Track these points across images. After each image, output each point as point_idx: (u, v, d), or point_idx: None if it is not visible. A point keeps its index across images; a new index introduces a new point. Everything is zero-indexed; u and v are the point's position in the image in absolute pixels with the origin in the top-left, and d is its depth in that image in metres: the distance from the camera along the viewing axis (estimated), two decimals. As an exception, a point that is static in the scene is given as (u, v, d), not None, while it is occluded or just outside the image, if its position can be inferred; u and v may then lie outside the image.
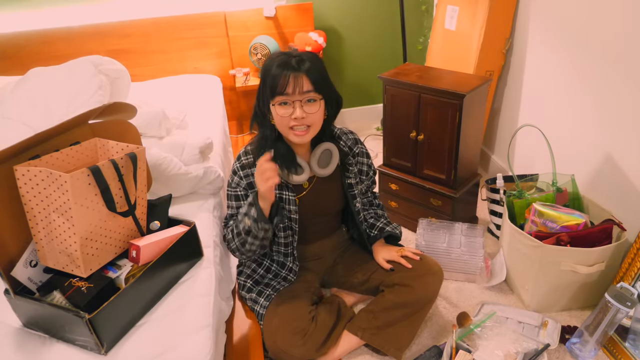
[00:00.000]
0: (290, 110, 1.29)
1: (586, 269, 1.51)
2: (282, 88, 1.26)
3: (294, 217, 1.44)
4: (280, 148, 1.38)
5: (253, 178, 1.39)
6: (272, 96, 1.29)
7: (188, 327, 1.14)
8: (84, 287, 1.09)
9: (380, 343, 1.47)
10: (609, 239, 1.55)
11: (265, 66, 1.32)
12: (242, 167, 1.41)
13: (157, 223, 1.33)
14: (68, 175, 1.02)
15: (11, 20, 2.54)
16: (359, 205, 1.54)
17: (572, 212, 1.62)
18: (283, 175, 1.39)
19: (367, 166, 1.59)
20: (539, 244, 1.54)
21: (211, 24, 2.73)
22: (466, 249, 1.78)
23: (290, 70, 1.26)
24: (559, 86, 1.89)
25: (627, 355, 1.43)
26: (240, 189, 1.43)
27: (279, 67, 1.27)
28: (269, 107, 1.32)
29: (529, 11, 2.04)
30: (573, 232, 1.55)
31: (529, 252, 1.59)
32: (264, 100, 1.33)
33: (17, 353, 1.08)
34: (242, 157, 1.43)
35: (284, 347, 1.37)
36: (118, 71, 1.92)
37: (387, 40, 3.04)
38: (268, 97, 1.30)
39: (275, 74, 1.27)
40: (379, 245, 1.60)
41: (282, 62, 1.27)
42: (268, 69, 1.29)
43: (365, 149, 1.59)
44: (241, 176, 1.41)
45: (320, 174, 1.44)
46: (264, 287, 1.51)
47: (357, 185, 1.53)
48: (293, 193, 1.43)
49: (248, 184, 1.41)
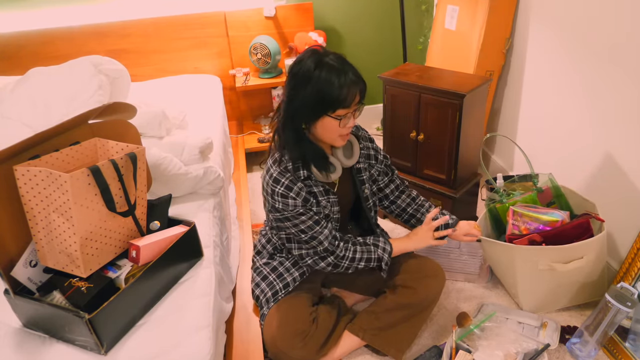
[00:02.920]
0: (345, 121, 1.29)
1: (564, 266, 1.50)
2: (349, 102, 1.25)
3: (336, 216, 1.45)
4: (311, 151, 1.35)
5: (306, 190, 1.35)
6: (334, 109, 1.25)
7: (188, 327, 1.14)
8: (83, 287, 1.09)
9: (381, 344, 1.47)
10: (589, 233, 1.51)
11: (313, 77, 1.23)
12: (288, 188, 1.34)
13: (157, 223, 1.33)
14: (68, 175, 1.02)
15: (11, 20, 2.54)
16: (367, 192, 1.52)
17: (551, 211, 1.61)
18: (320, 177, 1.37)
19: (374, 150, 1.56)
20: (509, 247, 1.54)
21: (211, 24, 2.73)
22: (465, 250, 1.78)
23: (351, 83, 1.24)
24: (559, 86, 1.88)
25: (627, 355, 1.43)
26: (299, 207, 1.35)
27: (335, 77, 1.22)
28: (319, 117, 1.28)
29: (529, 11, 2.04)
30: (545, 232, 1.54)
31: (504, 256, 1.60)
32: (316, 111, 1.27)
33: (17, 353, 1.07)
34: (282, 179, 1.34)
35: (284, 348, 1.37)
36: (118, 71, 1.92)
37: (387, 40, 3.04)
38: (325, 108, 1.26)
39: (339, 87, 1.23)
40: None
41: (335, 71, 1.23)
42: (325, 81, 1.23)
43: (367, 133, 1.57)
44: (294, 197, 1.34)
45: (348, 164, 1.44)
46: (276, 278, 1.49)
47: (365, 171, 1.52)
48: (335, 196, 1.43)
49: (304, 200, 1.35)
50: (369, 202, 1.54)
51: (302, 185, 1.35)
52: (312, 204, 1.37)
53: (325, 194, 1.41)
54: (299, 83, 1.26)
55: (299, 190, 1.34)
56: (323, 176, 1.37)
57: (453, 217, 1.60)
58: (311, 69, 1.24)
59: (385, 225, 2.12)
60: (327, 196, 1.41)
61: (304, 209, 1.36)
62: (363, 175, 1.51)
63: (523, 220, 1.61)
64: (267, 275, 1.52)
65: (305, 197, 1.36)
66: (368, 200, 1.54)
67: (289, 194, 1.33)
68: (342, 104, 1.25)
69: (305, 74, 1.25)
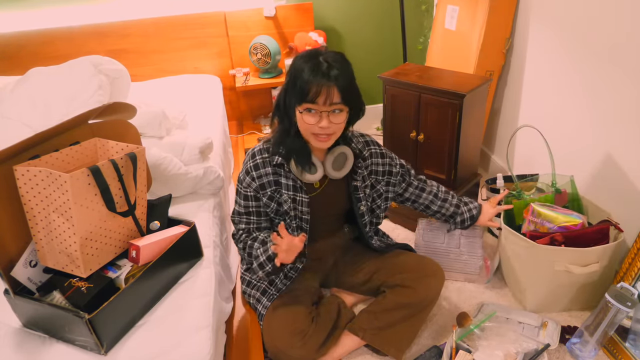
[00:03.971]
0: (316, 119, 1.27)
1: (580, 269, 1.51)
2: (312, 97, 1.23)
3: (305, 217, 1.44)
4: (296, 144, 1.36)
5: (266, 179, 1.38)
6: (300, 102, 1.26)
7: (188, 327, 1.14)
8: (83, 287, 1.09)
9: (381, 344, 1.47)
10: (606, 240, 1.54)
11: (296, 66, 1.27)
12: (256, 166, 1.39)
13: (157, 223, 1.33)
14: (68, 175, 1.02)
15: (11, 20, 2.54)
16: (363, 209, 1.52)
17: (569, 212, 1.61)
18: (296, 172, 1.38)
19: (388, 165, 1.54)
20: (531, 244, 1.53)
21: (211, 24, 2.73)
22: (465, 249, 1.78)
23: (322, 79, 1.22)
24: (559, 86, 1.88)
25: (627, 355, 1.43)
26: (251, 190, 1.41)
27: (311, 73, 1.23)
28: (294, 108, 1.30)
29: (529, 11, 2.04)
30: (567, 232, 1.55)
31: (523, 252, 1.59)
32: (290, 100, 1.29)
33: (17, 353, 1.08)
34: (257, 156, 1.40)
35: (283, 348, 1.37)
36: (118, 71, 1.92)
37: (387, 40, 3.04)
38: (295, 100, 1.27)
39: (307, 80, 1.23)
40: None
41: (314, 67, 1.23)
42: (299, 71, 1.25)
43: (379, 149, 1.53)
44: (254, 177, 1.39)
45: (334, 176, 1.42)
46: (267, 285, 1.50)
47: (364, 189, 1.50)
48: (307, 196, 1.42)
49: (260, 185, 1.39)
50: (364, 218, 1.54)
51: (272, 171, 1.38)
52: (265, 194, 1.40)
53: (293, 190, 1.40)
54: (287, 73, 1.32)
55: (262, 175, 1.38)
56: (298, 172, 1.38)
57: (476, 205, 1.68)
58: (296, 60, 1.28)
59: (385, 226, 2.12)
60: (294, 192, 1.40)
61: (254, 193, 1.40)
62: (359, 193, 1.49)
63: (540, 219, 1.61)
64: (251, 280, 1.54)
65: (264, 184, 1.39)
66: (364, 217, 1.54)
67: (250, 172, 1.39)
68: (306, 98, 1.24)
69: (291, 65, 1.30)
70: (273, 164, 1.38)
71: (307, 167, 1.37)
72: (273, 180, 1.39)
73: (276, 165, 1.39)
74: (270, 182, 1.39)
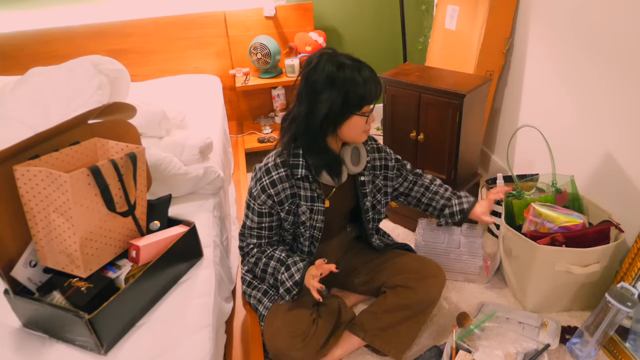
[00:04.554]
0: (365, 118, 1.32)
1: (580, 269, 1.51)
2: (371, 97, 1.28)
3: (319, 225, 1.44)
4: (327, 156, 1.36)
5: (284, 194, 1.36)
6: (360, 107, 1.29)
7: (188, 327, 1.14)
8: (83, 287, 1.09)
9: (382, 344, 1.47)
10: (607, 240, 1.54)
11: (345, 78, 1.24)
12: (273, 183, 1.35)
13: (156, 223, 1.33)
14: (68, 175, 1.02)
15: (11, 20, 2.54)
16: (368, 204, 1.52)
17: (570, 212, 1.61)
18: (329, 182, 1.38)
19: (384, 159, 1.55)
20: (532, 244, 1.53)
21: (211, 24, 2.73)
22: (465, 249, 1.78)
23: (368, 77, 1.27)
24: (559, 86, 1.88)
25: (627, 355, 1.43)
26: (266, 207, 1.38)
27: (363, 79, 1.25)
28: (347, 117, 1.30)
29: (529, 11, 2.04)
30: (568, 233, 1.55)
31: (523, 252, 1.59)
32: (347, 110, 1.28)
33: (17, 353, 1.07)
34: (273, 172, 1.35)
35: (284, 349, 1.37)
36: (118, 71, 1.92)
37: (387, 40, 3.04)
38: (355, 108, 1.28)
39: (360, 84, 1.25)
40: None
41: (360, 72, 1.26)
42: (352, 81, 1.24)
43: (375, 144, 1.55)
44: (271, 194, 1.35)
45: (354, 171, 1.43)
46: (268, 286, 1.50)
47: (369, 184, 1.51)
48: (323, 205, 1.42)
49: (279, 201, 1.37)
50: (368, 214, 1.54)
51: (290, 185, 1.36)
52: (283, 209, 1.38)
53: (310, 200, 1.39)
54: (321, 89, 1.25)
55: (280, 191, 1.36)
56: (335, 182, 1.38)
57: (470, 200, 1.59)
58: (333, 72, 1.24)
59: (385, 225, 2.12)
60: (311, 203, 1.40)
61: (269, 210, 1.39)
62: (366, 188, 1.50)
63: (541, 219, 1.61)
64: (251, 281, 1.54)
65: (282, 200, 1.37)
66: (368, 212, 1.54)
67: (267, 190, 1.36)
68: (368, 100, 1.29)
69: (327, 78, 1.24)
70: (297, 177, 1.36)
71: (340, 173, 1.39)
72: (290, 194, 1.37)
73: (299, 178, 1.37)
74: (288, 196, 1.37)
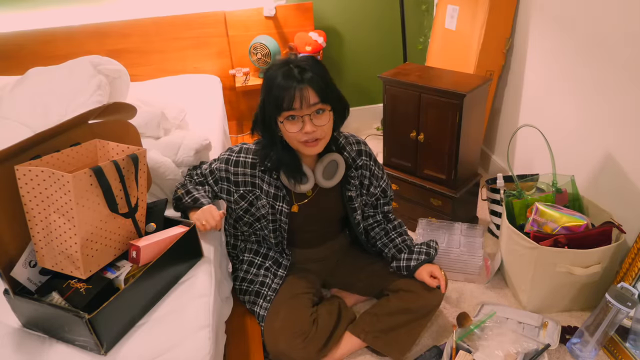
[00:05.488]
0: (299, 125, 1.23)
1: (582, 270, 1.51)
2: (289, 104, 1.20)
3: (283, 226, 1.44)
4: (285, 156, 1.33)
5: (242, 178, 1.39)
6: (279, 112, 1.23)
7: (188, 327, 1.14)
8: (82, 288, 1.09)
9: (382, 346, 1.47)
10: (608, 241, 1.54)
11: (267, 78, 1.25)
12: (237, 163, 1.38)
13: (152, 225, 1.33)
14: (70, 176, 1.02)
15: (11, 20, 2.54)
16: (358, 218, 1.52)
17: (573, 213, 1.61)
18: (289, 184, 1.37)
19: (372, 178, 1.51)
20: (535, 245, 1.53)
21: (211, 24, 2.73)
22: (465, 249, 1.78)
23: (295, 83, 1.20)
24: (559, 86, 1.88)
25: (627, 355, 1.43)
26: (222, 180, 1.42)
27: (283, 80, 1.21)
28: (275, 121, 1.27)
29: (529, 11, 2.04)
30: (571, 234, 1.55)
31: (525, 253, 1.59)
32: (270, 113, 1.26)
33: (17, 353, 1.07)
34: (243, 154, 1.40)
35: (285, 350, 1.37)
36: (117, 71, 1.92)
37: (387, 40, 3.04)
38: (274, 112, 1.25)
39: (281, 88, 1.20)
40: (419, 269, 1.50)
41: (284, 74, 1.21)
42: (272, 80, 1.23)
43: (369, 161, 1.49)
44: (229, 170, 1.39)
45: (324, 185, 1.40)
46: (259, 286, 1.50)
47: (357, 198, 1.49)
48: (287, 206, 1.41)
49: (235, 182, 1.40)
50: (360, 227, 1.54)
51: (251, 174, 1.37)
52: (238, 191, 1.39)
53: (273, 198, 1.38)
54: (262, 87, 1.29)
55: (239, 173, 1.38)
56: (290, 185, 1.37)
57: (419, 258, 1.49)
58: (268, 71, 1.26)
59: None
60: (273, 200, 1.39)
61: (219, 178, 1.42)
62: (354, 203, 1.48)
63: (544, 219, 1.61)
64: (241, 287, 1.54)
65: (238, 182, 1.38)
66: (359, 226, 1.54)
67: (229, 167, 1.38)
68: (287, 107, 1.21)
69: (264, 78, 1.28)
70: (262, 168, 1.37)
71: (298, 178, 1.35)
72: (250, 182, 1.39)
73: (264, 170, 1.37)
74: (247, 182, 1.39)
